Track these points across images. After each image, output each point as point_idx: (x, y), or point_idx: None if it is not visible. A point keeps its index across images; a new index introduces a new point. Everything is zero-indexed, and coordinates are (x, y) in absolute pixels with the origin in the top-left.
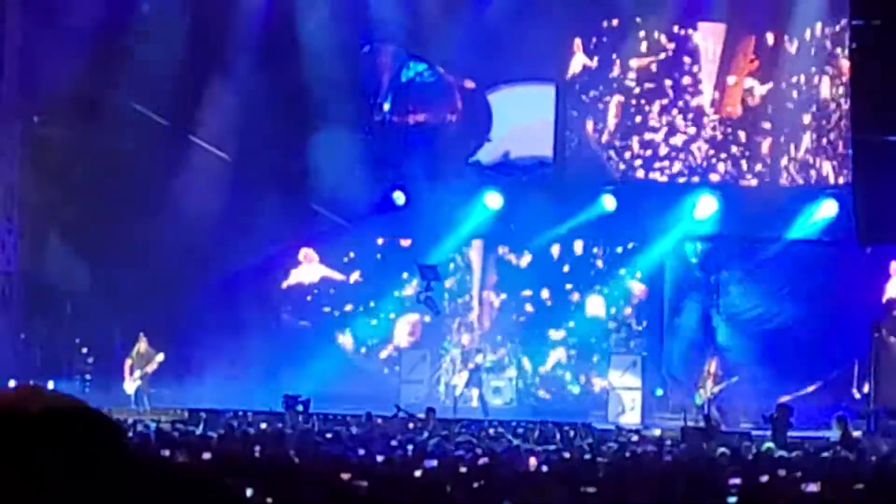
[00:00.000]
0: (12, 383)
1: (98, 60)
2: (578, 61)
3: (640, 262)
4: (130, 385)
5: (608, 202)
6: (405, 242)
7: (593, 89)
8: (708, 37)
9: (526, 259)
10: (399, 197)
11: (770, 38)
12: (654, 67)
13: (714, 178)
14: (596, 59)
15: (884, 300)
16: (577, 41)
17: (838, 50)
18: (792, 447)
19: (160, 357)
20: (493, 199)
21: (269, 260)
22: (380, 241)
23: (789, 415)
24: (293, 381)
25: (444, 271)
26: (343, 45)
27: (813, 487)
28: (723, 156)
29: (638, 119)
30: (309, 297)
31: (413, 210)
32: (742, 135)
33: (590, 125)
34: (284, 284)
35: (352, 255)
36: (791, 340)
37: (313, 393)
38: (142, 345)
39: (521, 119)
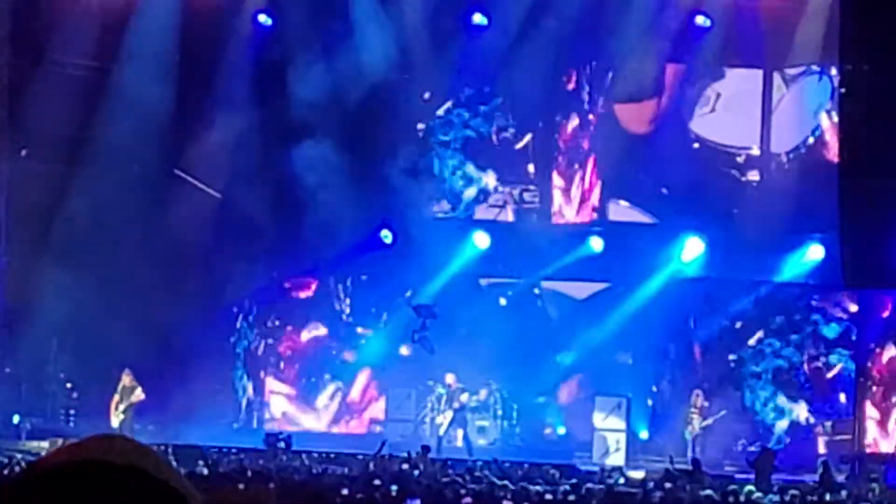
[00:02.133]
0: None
1: (86, 96)
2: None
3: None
4: (115, 419)
5: (595, 244)
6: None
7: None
8: None
9: None
10: (387, 236)
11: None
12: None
13: None
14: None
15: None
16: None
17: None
18: (776, 491)
19: (140, 391)
20: (482, 239)
21: (256, 297)
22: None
23: (773, 459)
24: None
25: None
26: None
27: None
28: None
29: None
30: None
31: (400, 248)
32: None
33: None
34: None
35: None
36: None
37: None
38: (126, 379)
39: None
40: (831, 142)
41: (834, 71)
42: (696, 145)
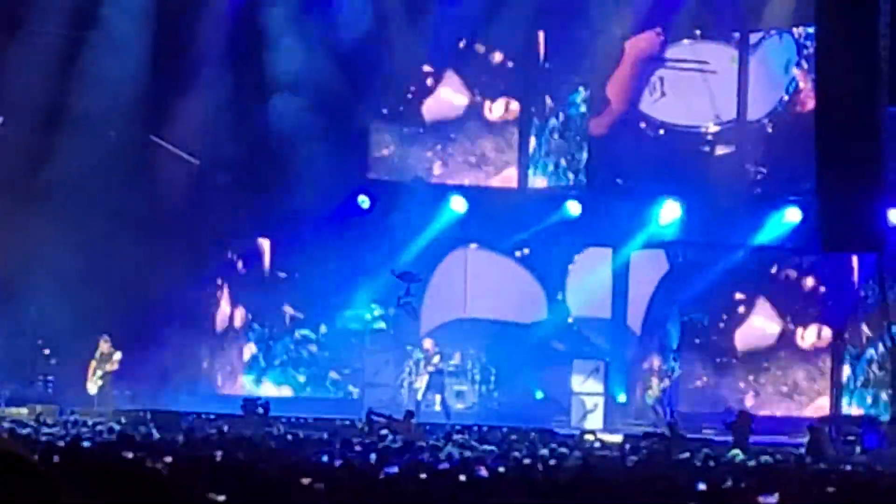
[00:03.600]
0: None
1: (61, 64)
2: None
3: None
4: (93, 385)
5: (573, 208)
6: None
7: None
8: None
9: None
10: (364, 201)
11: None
12: None
13: None
14: None
15: None
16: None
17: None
18: (756, 454)
19: (118, 356)
20: (458, 203)
21: (229, 264)
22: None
23: (750, 421)
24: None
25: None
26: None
27: (771, 500)
28: None
29: None
30: None
31: (377, 214)
32: None
33: None
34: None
35: None
36: None
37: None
38: (104, 345)
39: None
40: (805, 93)
41: (798, 31)
42: (661, 131)
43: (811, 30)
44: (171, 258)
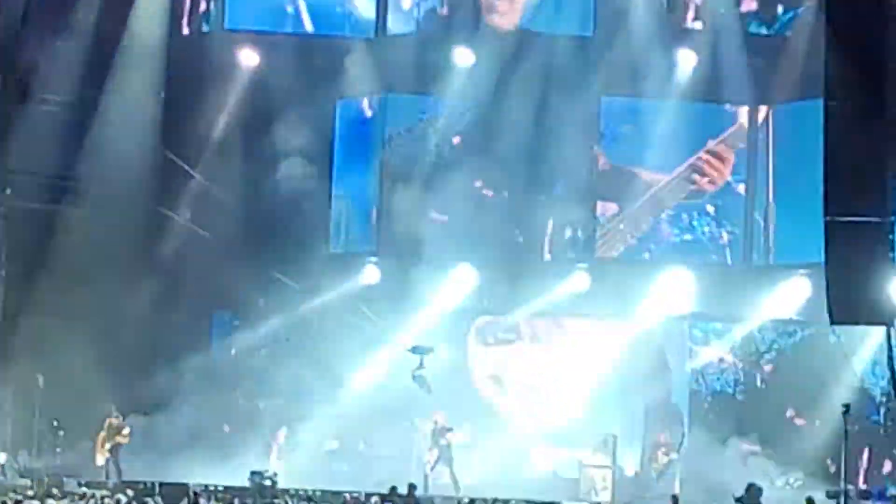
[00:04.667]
0: None
1: (71, 136)
2: None
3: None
4: (101, 458)
5: (582, 280)
6: None
7: None
8: None
9: None
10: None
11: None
12: None
13: None
14: None
15: None
16: None
17: None
18: None
19: (127, 430)
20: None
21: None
22: None
23: (758, 495)
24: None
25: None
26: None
27: None
28: None
29: None
30: None
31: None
32: None
33: None
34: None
35: None
36: None
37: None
38: (113, 419)
39: None
40: None
41: None
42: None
43: None
44: (180, 329)
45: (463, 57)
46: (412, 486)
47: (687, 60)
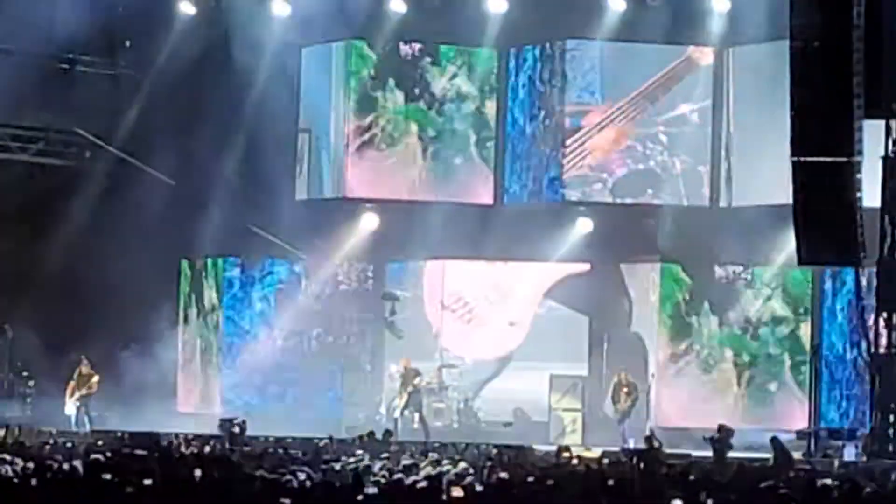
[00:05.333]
0: None
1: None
2: None
3: None
4: (71, 407)
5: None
6: None
7: None
8: None
9: None
10: None
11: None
12: None
13: None
14: None
15: None
16: None
17: None
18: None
19: (96, 379)
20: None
21: None
22: None
23: (730, 436)
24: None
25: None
26: None
27: None
28: None
29: None
30: None
31: None
32: None
33: None
34: None
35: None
36: None
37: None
38: (83, 367)
39: None
40: None
41: None
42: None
43: None
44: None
45: None
46: (388, 433)
47: None
